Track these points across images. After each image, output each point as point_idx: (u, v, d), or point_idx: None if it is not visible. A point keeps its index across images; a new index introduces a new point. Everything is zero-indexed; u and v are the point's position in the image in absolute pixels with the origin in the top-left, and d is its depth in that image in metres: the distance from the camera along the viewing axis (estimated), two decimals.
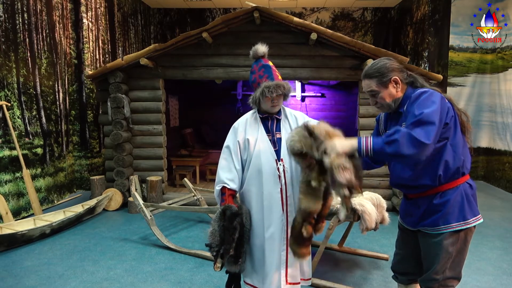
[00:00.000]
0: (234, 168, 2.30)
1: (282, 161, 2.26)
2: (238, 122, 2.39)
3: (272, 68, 2.30)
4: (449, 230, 1.85)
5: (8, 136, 4.70)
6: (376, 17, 9.07)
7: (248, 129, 2.32)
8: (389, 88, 1.92)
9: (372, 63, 1.99)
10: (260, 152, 2.26)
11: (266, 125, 2.34)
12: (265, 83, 2.23)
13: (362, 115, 5.42)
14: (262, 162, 2.25)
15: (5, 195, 4.57)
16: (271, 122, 2.34)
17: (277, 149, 2.29)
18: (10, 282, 3.16)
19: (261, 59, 2.33)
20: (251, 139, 2.29)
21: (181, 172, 6.43)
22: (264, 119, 2.35)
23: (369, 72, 1.95)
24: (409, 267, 2.17)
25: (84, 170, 6.40)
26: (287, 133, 2.28)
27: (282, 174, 2.25)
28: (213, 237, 2.15)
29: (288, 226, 2.25)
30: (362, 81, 2.01)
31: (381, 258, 3.68)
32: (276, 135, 2.32)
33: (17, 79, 4.88)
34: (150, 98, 5.57)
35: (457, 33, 7.49)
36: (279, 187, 2.24)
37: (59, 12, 5.83)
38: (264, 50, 2.33)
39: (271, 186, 2.24)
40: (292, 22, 4.99)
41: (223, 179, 2.28)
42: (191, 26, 9.07)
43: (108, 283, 3.16)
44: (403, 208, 2.13)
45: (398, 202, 5.17)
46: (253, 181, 2.29)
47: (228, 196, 2.27)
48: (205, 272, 3.37)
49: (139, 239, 4.24)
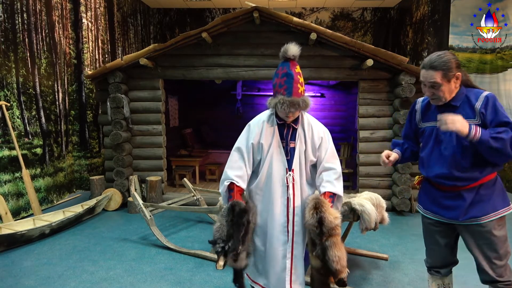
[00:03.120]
0: (244, 168, 2.27)
1: (293, 171, 2.25)
2: (254, 122, 2.33)
3: (294, 79, 2.14)
4: (497, 216, 2.01)
5: (7, 136, 4.69)
6: (375, 17, 9.07)
7: (263, 133, 2.27)
8: (451, 83, 1.98)
9: (437, 55, 1.98)
10: (272, 159, 2.25)
11: (282, 132, 2.28)
12: (281, 98, 2.13)
13: (361, 115, 5.42)
14: (273, 169, 2.24)
15: (5, 195, 4.56)
16: (287, 130, 2.28)
17: (289, 158, 2.26)
18: (10, 282, 3.16)
19: (289, 62, 2.17)
20: (265, 144, 2.26)
21: (181, 172, 6.43)
22: (280, 125, 2.28)
23: (435, 64, 1.95)
24: (449, 258, 2.27)
25: (84, 170, 6.40)
26: (301, 144, 2.26)
27: (291, 185, 2.24)
28: (220, 233, 2.13)
29: (294, 235, 2.25)
30: (423, 70, 2.00)
31: (381, 258, 3.68)
32: (290, 145, 2.27)
33: (17, 79, 4.88)
34: (149, 98, 5.57)
35: (457, 33, 7.49)
36: (285, 196, 2.24)
37: (58, 12, 5.83)
38: (295, 52, 2.16)
39: (278, 194, 2.24)
40: (292, 22, 4.99)
41: (232, 176, 2.24)
42: (190, 26, 9.07)
43: (107, 283, 3.16)
44: (440, 202, 2.14)
45: (397, 202, 5.17)
46: (261, 186, 2.29)
47: (236, 193, 2.24)
48: (204, 272, 3.37)
49: (139, 239, 4.24)
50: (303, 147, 2.27)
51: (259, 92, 9.13)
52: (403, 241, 4.20)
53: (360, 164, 5.45)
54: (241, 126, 2.52)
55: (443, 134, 2.04)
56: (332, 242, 2.09)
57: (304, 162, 2.28)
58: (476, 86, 2.10)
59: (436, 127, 2.05)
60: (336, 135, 10.02)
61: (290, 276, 2.26)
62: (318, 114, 10.06)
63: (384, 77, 5.31)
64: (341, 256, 2.08)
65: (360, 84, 5.38)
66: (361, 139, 5.42)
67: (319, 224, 2.09)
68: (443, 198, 2.11)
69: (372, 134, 5.41)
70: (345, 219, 3.25)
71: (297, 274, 2.28)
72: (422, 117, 2.20)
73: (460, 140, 1.98)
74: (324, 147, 2.29)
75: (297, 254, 2.27)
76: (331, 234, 2.09)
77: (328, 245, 2.09)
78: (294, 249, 2.26)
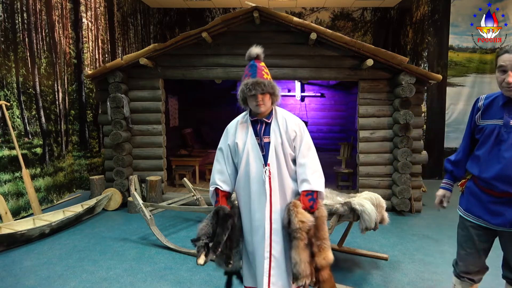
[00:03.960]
0: (226, 171, 2.30)
1: (269, 165, 2.21)
2: (230, 125, 2.36)
3: (258, 67, 2.23)
4: None
5: (7, 136, 4.69)
6: (375, 17, 9.06)
7: (238, 132, 2.28)
8: None
9: None
10: (248, 156, 2.23)
11: (255, 129, 2.28)
12: (245, 81, 2.19)
13: (361, 115, 5.42)
14: (250, 166, 2.22)
15: (5, 194, 4.56)
16: (260, 126, 2.28)
17: (264, 153, 2.23)
18: (10, 282, 3.16)
19: (253, 60, 2.28)
20: (240, 143, 2.26)
21: (181, 172, 6.43)
22: (254, 122, 2.29)
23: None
24: (483, 263, 2.22)
25: (84, 170, 6.40)
26: (276, 137, 2.23)
27: (267, 180, 2.20)
28: (205, 230, 2.17)
29: (271, 233, 2.19)
30: (505, 54, 1.89)
31: (381, 258, 3.68)
32: (264, 139, 2.25)
33: (17, 79, 4.87)
34: (149, 98, 5.56)
35: (457, 33, 7.49)
36: (265, 192, 2.20)
37: (58, 12, 5.83)
38: (258, 52, 2.28)
39: (257, 190, 2.22)
40: (292, 22, 4.99)
41: (216, 181, 2.30)
42: (190, 26, 9.06)
43: (107, 283, 3.16)
44: (487, 207, 2.07)
45: (397, 202, 5.17)
46: (241, 184, 2.28)
47: (221, 197, 2.29)
48: (204, 272, 3.37)
49: (139, 239, 4.24)
50: (278, 140, 2.24)
51: None
52: (403, 241, 4.20)
53: (360, 164, 5.45)
54: None
55: (506, 134, 1.95)
56: (295, 244, 2.09)
57: (282, 155, 2.24)
58: None
59: (498, 125, 1.97)
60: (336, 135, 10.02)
61: (269, 278, 2.15)
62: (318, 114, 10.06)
63: (384, 77, 5.31)
64: (300, 260, 2.06)
65: (360, 84, 5.38)
66: (361, 139, 5.42)
67: (288, 226, 2.12)
68: (492, 203, 2.03)
69: (372, 134, 5.41)
70: (345, 219, 3.25)
71: (277, 275, 2.16)
72: (482, 114, 2.10)
73: None
74: (298, 140, 2.27)
75: (276, 254, 2.17)
76: (294, 237, 2.09)
77: (291, 246, 2.11)
78: (272, 248, 2.17)
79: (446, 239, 4.28)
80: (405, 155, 5.09)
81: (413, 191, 5.31)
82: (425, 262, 3.64)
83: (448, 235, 4.38)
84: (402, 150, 5.10)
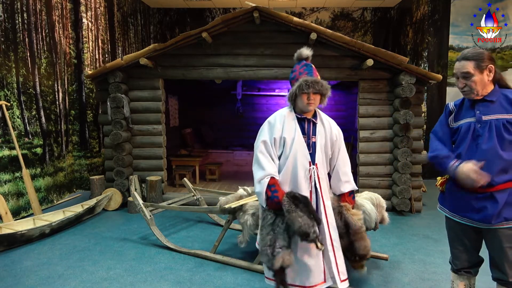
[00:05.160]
0: (274, 162, 2.35)
1: (316, 166, 2.32)
2: (274, 118, 2.39)
3: (313, 67, 2.35)
4: None
5: (7, 136, 4.69)
6: (375, 17, 9.07)
7: (285, 127, 2.33)
8: (484, 74, 2.03)
9: (472, 48, 2.10)
10: (296, 153, 2.30)
11: (302, 127, 2.35)
12: (304, 78, 2.27)
13: (361, 115, 5.42)
14: (298, 164, 2.29)
15: (5, 195, 4.56)
16: (308, 125, 2.36)
17: (311, 152, 2.32)
18: (10, 282, 3.16)
19: (304, 60, 2.38)
20: (288, 138, 2.31)
21: (181, 172, 6.43)
22: (300, 120, 2.36)
23: (468, 55, 2.05)
24: (476, 258, 2.28)
25: (84, 170, 6.40)
26: (322, 138, 2.36)
27: (316, 179, 2.31)
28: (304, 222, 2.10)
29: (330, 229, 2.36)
30: (456, 63, 2.10)
31: (381, 258, 3.68)
32: (312, 139, 2.35)
33: (17, 79, 4.88)
34: (149, 98, 5.56)
35: (457, 33, 7.49)
36: (313, 190, 2.32)
37: (58, 12, 5.83)
38: (308, 53, 2.39)
39: (304, 187, 2.30)
40: (292, 22, 4.99)
41: (271, 171, 2.29)
42: (190, 26, 9.06)
43: (107, 283, 3.16)
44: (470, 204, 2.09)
45: (397, 201, 5.17)
46: (287, 181, 2.34)
47: (278, 186, 2.30)
48: (204, 272, 3.37)
49: (139, 239, 4.24)
50: (323, 141, 2.36)
51: (259, 92, 9.12)
52: (403, 241, 4.20)
53: (360, 164, 5.45)
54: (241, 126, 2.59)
55: (481, 129, 2.03)
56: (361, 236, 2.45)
57: (325, 156, 2.39)
58: (510, 86, 2.13)
59: (473, 122, 2.07)
60: None
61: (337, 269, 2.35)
62: None
63: (384, 77, 5.31)
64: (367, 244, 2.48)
65: (360, 84, 5.38)
66: (361, 139, 5.42)
67: (345, 227, 2.42)
68: (475, 199, 2.06)
69: (372, 134, 5.40)
70: None
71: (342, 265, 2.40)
72: (455, 117, 2.20)
73: (500, 132, 1.99)
74: (338, 144, 2.44)
75: (337, 245, 2.39)
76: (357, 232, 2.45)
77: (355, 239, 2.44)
78: (333, 241, 2.36)
79: (446, 239, 4.22)
80: (405, 155, 5.09)
81: (413, 191, 5.31)
82: (425, 262, 3.64)
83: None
84: (402, 150, 5.10)
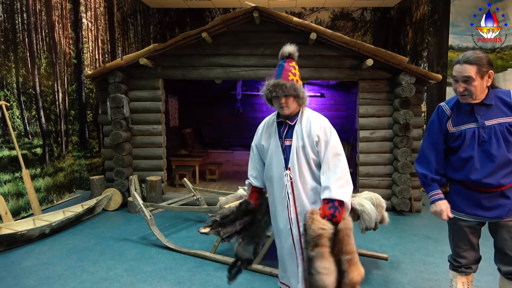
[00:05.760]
0: (256, 168, 2.37)
1: (289, 169, 2.16)
2: (261, 124, 2.40)
3: (284, 67, 2.13)
4: None
5: (7, 136, 4.69)
6: (375, 17, 9.07)
7: (264, 134, 2.31)
8: (484, 80, 2.04)
9: (473, 52, 2.06)
10: (271, 158, 2.23)
11: (279, 130, 2.24)
12: (266, 82, 2.15)
13: (361, 115, 5.42)
14: (273, 169, 2.22)
15: (5, 195, 4.56)
16: (283, 128, 2.23)
17: (285, 156, 2.19)
18: (10, 282, 3.16)
19: (284, 59, 2.20)
20: (265, 144, 2.29)
21: (181, 172, 6.42)
22: (279, 124, 2.26)
23: (471, 59, 2.02)
24: (477, 254, 2.35)
25: (84, 170, 6.40)
26: (297, 140, 2.14)
27: (289, 183, 2.16)
28: (224, 212, 2.29)
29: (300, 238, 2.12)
30: (457, 65, 2.07)
31: (381, 258, 3.68)
32: (286, 142, 2.19)
33: (17, 79, 4.87)
34: (149, 98, 5.56)
35: (457, 33, 7.48)
36: (286, 196, 2.18)
37: (58, 12, 5.83)
38: (290, 50, 2.19)
39: (279, 194, 2.22)
40: (292, 22, 4.99)
41: (249, 176, 2.39)
42: (190, 26, 9.06)
43: (107, 283, 3.16)
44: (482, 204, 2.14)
45: (397, 201, 5.17)
46: (267, 185, 2.33)
47: (252, 193, 2.38)
48: (204, 272, 3.37)
49: (139, 239, 4.24)
50: (300, 143, 2.14)
51: (259, 92, 9.11)
52: (403, 241, 4.20)
53: (360, 164, 5.45)
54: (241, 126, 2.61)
55: (485, 135, 2.07)
56: (318, 252, 1.91)
57: (303, 160, 2.14)
58: (497, 86, 2.18)
59: (476, 128, 2.10)
60: None
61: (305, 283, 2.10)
62: None
63: (384, 77, 5.31)
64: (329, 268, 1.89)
65: (360, 84, 5.38)
66: (361, 139, 5.42)
67: (304, 233, 2.00)
68: (486, 199, 2.12)
69: (372, 134, 5.41)
70: None
71: None
72: (453, 121, 2.18)
73: (505, 136, 2.05)
74: (323, 144, 2.12)
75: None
76: (316, 244, 1.91)
77: (313, 255, 1.92)
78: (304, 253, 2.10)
79: (446, 239, 4.24)
80: (405, 155, 5.10)
81: (413, 191, 5.31)
82: (425, 262, 3.64)
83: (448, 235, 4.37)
84: (402, 150, 5.11)
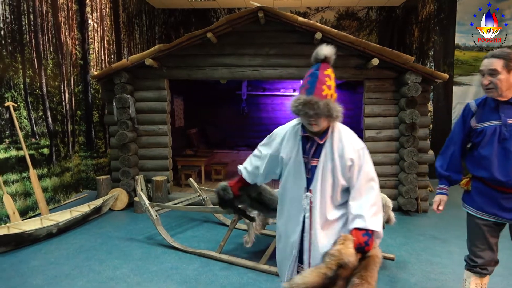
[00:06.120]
0: (257, 167, 2.21)
1: (310, 192, 1.92)
2: (278, 131, 2.11)
3: (318, 78, 1.84)
4: None
5: (15, 137, 4.73)
6: (381, 16, 9.02)
7: (285, 145, 2.01)
8: (510, 74, 2.06)
9: (501, 48, 2.13)
10: (290, 176, 1.99)
11: (305, 146, 1.95)
12: (295, 97, 1.85)
13: (367, 115, 5.39)
14: (288, 187, 2.01)
15: (12, 195, 4.60)
16: (311, 145, 1.94)
17: (309, 177, 1.93)
18: (17, 281, 3.18)
19: (319, 64, 1.90)
20: (285, 157, 2.00)
21: (187, 172, 6.44)
22: (305, 138, 1.96)
23: (498, 53, 2.08)
24: (495, 256, 2.34)
25: (90, 170, 6.44)
26: (326, 161, 1.89)
27: (308, 207, 1.92)
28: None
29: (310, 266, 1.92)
30: (485, 60, 2.12)
31: (387, 258, 3.66)
32: (312, 162, 1.92)
33: (24, 80, 4.92)
34: (155, 99, 5.58)
35: (463, 31, 7.43)
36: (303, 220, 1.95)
37: (64, 13, 5.87)
38: (326, 53, 1.89)
39: (293, 216, 2.00)
40: (297, 22, 4.98)
41: (243, 168, 2.31)
42: (195, 26, 9.08)
43: (114, 283, 3.17)
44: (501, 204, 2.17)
45: (404, 201, 5.14)
46: (282, 202, 2.09)
47: (236, 181, 2.34)
48: (210, 272, 3.38)
49: (145, 238, 4.26)
50: (329, 166, 1.89)
51: (264, 92, 9.13)
52: (409, 241, 4.18)
53: None
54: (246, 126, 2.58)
55: (507, 133, 2.09)
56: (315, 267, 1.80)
57: (329, 184, 1.90)
58: None
59: (498, 125, 2.12)
60: None
61: None
62: None
63: (389, 76, 5.28)
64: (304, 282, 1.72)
65: (366, 83, 5.36)
66: (367, 138, 5.40)
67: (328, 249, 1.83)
68: (505, 200, 2.14)
69: (378, 133, 5.38)
70: None
71: None
72: (477, 118, 2.22)
73: None
74: (356, 170, 1.88)
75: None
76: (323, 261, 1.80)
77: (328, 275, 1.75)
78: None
79: (453, 239, 4.24)
80: (412, 154, 5.06)
81: (419, 191, 5.28)
82: (432, 262, 3.62)
83: (456, 235, 4.34)
84: (408, 149, 5.07)
